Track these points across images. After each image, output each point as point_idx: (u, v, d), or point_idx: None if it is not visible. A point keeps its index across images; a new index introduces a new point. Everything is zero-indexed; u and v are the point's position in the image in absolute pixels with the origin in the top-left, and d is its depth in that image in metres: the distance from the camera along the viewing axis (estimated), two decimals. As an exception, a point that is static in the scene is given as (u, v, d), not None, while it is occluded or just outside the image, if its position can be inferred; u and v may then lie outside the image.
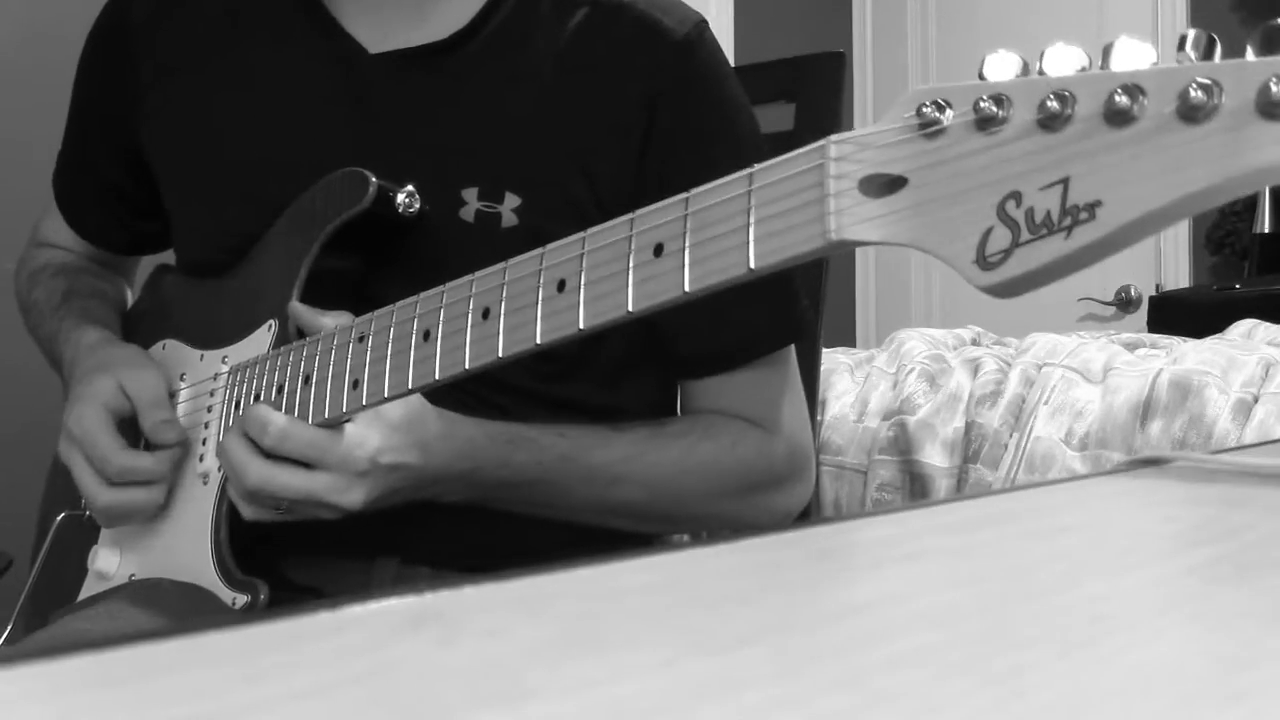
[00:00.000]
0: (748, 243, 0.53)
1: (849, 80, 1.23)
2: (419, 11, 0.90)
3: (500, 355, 0.66)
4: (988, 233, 0.44)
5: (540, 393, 0.88)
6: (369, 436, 0.76)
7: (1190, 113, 0.40)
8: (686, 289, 0.56)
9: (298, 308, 0.83)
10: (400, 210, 0.84)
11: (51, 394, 0.92)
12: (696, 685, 0.26)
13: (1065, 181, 0.42)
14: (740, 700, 0.25)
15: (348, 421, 0.76)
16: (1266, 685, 0.27)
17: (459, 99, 0.89)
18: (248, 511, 0.79)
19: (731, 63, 0.95)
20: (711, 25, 0.93)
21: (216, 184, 0.94)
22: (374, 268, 0.87)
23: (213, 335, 0.92)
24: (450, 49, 0.89)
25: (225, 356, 0.90)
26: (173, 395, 0.93)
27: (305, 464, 0.76)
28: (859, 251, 3.45)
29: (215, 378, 0.89)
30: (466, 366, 0.68)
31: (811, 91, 1.15)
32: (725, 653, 0.29)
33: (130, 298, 1.12)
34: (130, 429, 0.88)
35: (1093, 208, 0.42)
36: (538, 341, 0.64)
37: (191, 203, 0.97)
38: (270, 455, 0.76)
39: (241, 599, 0.81)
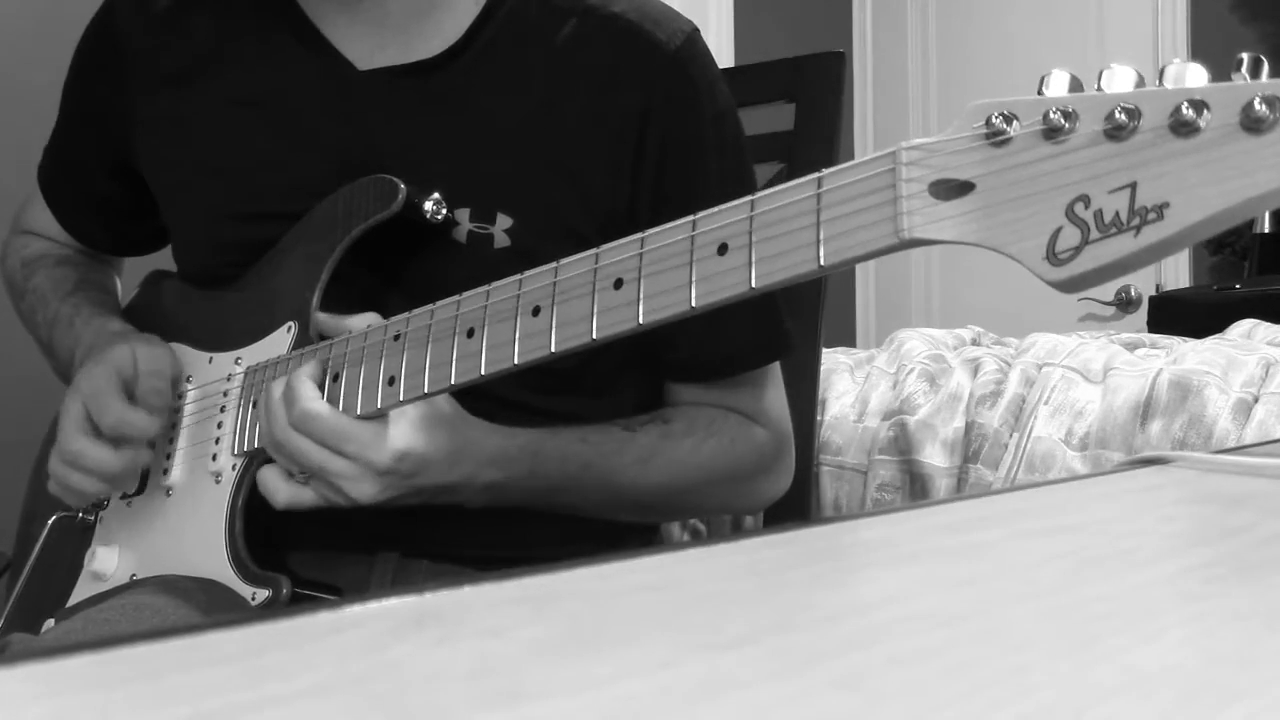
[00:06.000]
0: (817, 241, 0.55)
1: (849, 80, 1.23)
2: (408, 29, 0.90)
3: (553, 350, 0.66)
4: (1057, 232, 0.48)
5: (531, 405, 0.88)
6: (395, 437, 0.76)
7: (1253, 124, 0.43)
8: (753, 284, 0.58)
9: (321, 316, 0.83)
10: (428, 216, 0.84)
11: (49, 395, 0.92)
12: (696, 685, 0.26)
13: (1133, 186, 0.46)
14: (740, 700, 0.25)
15: (380, 417, 0.76)
16: (1266, 685, 0.27)
17: (449, 118, 0.88)
18: (270, 473, 0.79)
19: (731, 63, 0.95)
20: (711, 25, 0.93)
21: (211, 200, 0.94)
22: (382, 281, 0.87)
23: (223, 338, 0.92)
24: (440, 66, 0.89)
25: (239, 358, 0.90)
26: (180, 396, 0.92)
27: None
28: (859, 251, 3.45)
29: (229, 378, 0.89)
30: (515, 362, 0.68)
31: (811, 91, 1.15)
32: (725, 653, 0.29)
33: (120, 290, 1.12)
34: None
35: (1161, 209, 0.45)
36: (594, 337, 0.64)
37: (187, 217, 0.98)
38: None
39: (262, 594, 0.81)
